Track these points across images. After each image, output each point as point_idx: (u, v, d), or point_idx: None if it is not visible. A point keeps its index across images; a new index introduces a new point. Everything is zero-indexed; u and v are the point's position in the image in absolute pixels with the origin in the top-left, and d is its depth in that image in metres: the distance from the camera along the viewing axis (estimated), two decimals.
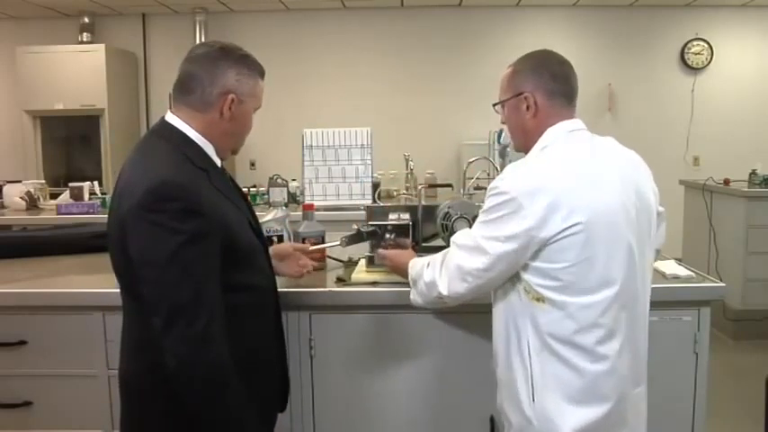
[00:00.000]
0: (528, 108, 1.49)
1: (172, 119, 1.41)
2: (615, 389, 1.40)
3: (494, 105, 1.61)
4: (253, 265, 1.46)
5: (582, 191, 1.36)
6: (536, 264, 1.38)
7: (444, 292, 1.50)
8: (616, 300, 1.38)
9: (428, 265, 1.57)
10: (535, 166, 1.43)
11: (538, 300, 1.39)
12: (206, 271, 1.27)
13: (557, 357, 1.39)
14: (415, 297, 1.62)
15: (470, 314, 1.83)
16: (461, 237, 1.50)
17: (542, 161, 1.44)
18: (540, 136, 1.48)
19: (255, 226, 1.53)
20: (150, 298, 1.26)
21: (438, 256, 1.56)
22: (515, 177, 1.40)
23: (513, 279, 1.43)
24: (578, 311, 1.37)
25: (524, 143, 1.53)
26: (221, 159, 1.47)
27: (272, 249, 1.73)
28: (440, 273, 1.51)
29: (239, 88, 1.39)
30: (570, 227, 1.33)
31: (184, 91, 1.40)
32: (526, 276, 1.40)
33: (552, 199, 1.34)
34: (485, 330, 1.84)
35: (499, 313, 1.50)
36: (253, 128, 1.51)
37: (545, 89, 1.49)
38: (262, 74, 1.47)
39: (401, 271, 1.71)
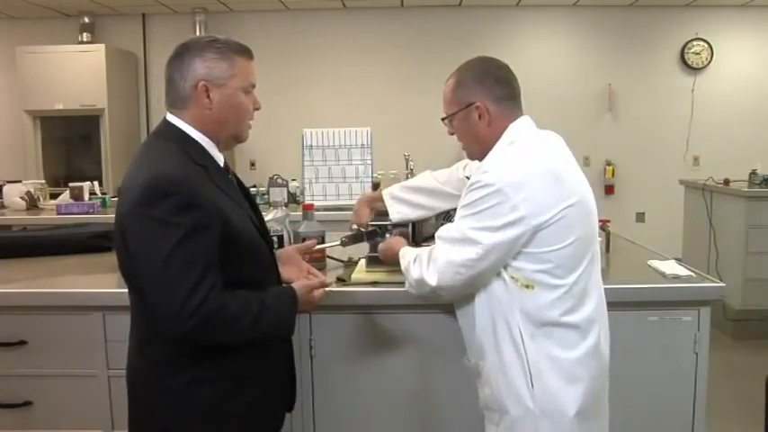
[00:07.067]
0: (480, 117, 1.53)
1: (172, 118, 1.42)
2: (601, 361, 1.49)
3: (443, 119, 1.63)
4: (257, 262, 1.46)
5: (561, 180, 1.44)
6: (528, 249, 1.42)
7: (434, 284, 1.49)
8: (592, 273, 1.49)
9: (414, 260, 1.56)
10: (514, 158, 1.47)
11: (527, 287, 1.43)
12: (207, 261, 1.28)
13: (551, 339, 1.44)
14: (409, 288, 1.61)
15: None
16: (446, 230, 1.51)
17: (518, 154, 1.47)
18: (495, 140, 1.52)
19: (260, 225, 1.53)
20: (154, 293, 1.28)
21: (424, 251, 1.56)
22: (498, 170, 1.43)
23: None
24: (568, 291, 1.43)
25: (480, 150, 1.56)
26: (226, 149, 1.48)
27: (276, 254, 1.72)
28: (427, 268, 1.51)
29: (210, 74, 1.38)
30: (560, 210, 1.40)
31: (167, 94, 1.42)
32: (516, 264, 1.43)
33: (539, 188, 1.40)
34: None
35: (482, 307, 1.50)
36: (253, 128, 1.49)
37: (492, 95, 1.53)
38: (240, 51, 1.42)
39: (391, 260, 1.71)
